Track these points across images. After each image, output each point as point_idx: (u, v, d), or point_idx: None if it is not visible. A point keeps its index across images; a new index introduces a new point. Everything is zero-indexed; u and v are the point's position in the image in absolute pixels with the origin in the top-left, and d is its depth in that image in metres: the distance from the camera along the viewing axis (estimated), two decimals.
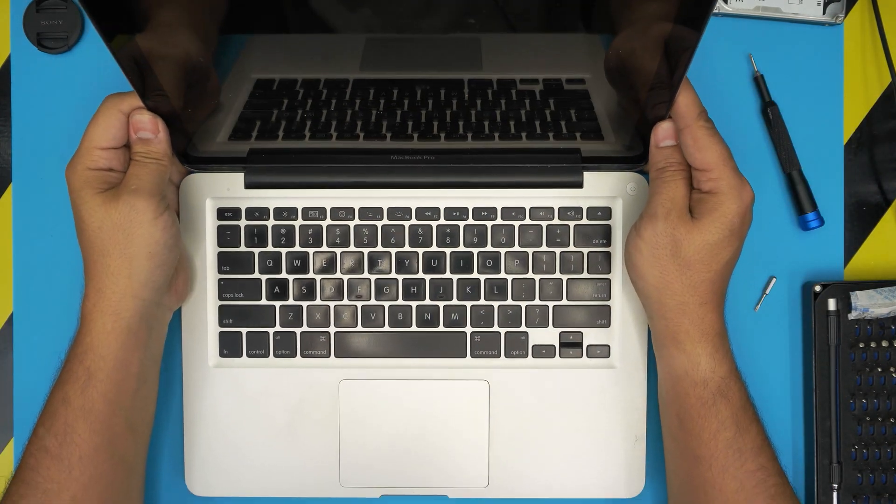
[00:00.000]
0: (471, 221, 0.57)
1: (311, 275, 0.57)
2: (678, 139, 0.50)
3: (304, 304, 0.57)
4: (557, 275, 0.56)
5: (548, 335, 0.57)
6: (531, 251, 0.56)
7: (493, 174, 0.56)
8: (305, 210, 0.57)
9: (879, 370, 0.56)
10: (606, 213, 0.56)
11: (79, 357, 0.49)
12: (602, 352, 0.57)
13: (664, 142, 0.51)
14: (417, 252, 0.57)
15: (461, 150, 0.56)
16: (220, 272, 0.57)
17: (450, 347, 0.57)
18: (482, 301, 0.57)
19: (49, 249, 0.59)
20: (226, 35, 0.48)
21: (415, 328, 0.57)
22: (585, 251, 0.56)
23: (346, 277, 0.57)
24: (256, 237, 0.57)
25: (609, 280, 0.56)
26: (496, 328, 0.57)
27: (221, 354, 0.57)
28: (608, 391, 0.56)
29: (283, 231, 0.57)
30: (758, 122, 0.59)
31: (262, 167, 0.56)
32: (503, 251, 0.56)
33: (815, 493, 0.56)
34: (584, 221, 0.56)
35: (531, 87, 0.53)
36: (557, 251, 0.56)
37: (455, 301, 0.57)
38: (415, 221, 0.57)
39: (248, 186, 0.56)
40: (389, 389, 0.56)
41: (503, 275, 0.57)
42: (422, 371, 0.57)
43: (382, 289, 0.57)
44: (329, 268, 0.57)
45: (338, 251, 0.57)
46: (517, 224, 0.56)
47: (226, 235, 0.57)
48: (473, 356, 0.57)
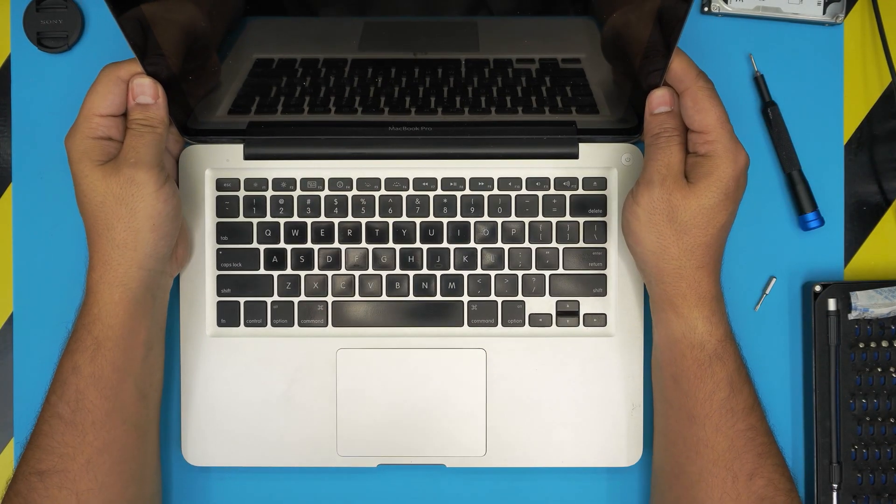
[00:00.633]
0: (468, 192, 0.57)
1: (309, 244, 0.57)
2: (676, 104, 0.51)
3: (302, 274, 0.57)
4: (554, 244, 0.57)
5: (544, 304, 0.57)
6: (527, 221, 0.57)
7: (490, 145, 0.57)
8: (304, 181, 0.57)
9: (879, 370, 0.56)
10: (602, 184, 0.57)
11: (86, 327, 0.50)
12: (598, 320, 0.57)
13: (658, 108, 0.51)
14: (415, 222, 0.57)
15: (458, 123, 0.56)
16: (219, 242, 0.57)
17: (447, 316, 0.57)
18: (479, 270, 0.57)
19: (49, 249, 0.59)
20: (228, 12, 0.49)
21: (412, 297, 0.57)
22: (581, 221, 0.57)
23: (344, 247, 0.57)
24: (255, 207, 0.57)
25: (605, 249, 0.57)
26: (493, 297, 0.57)
27: (219, 324, 0.57)
28: (605, 359, 0.56)
29: (282, 201, 0.57)
30: (758, 122, 0.59)
31: (261, 139, 0.57)
32: (500, 221, 0.57)
33: (815, 493, 0.56)
34: (580, 192, 0.57)
35: (527, 66, 0.53)
36: (553, 221, 0.57)
37: (452, 270, 0.57)
38: (412, 192, 0.57)
39: (248, 157, 0.57)
40: (387, 358, 0.56)
41: (500, 244, 0.57)
42: (419, 340, 0.57)
43: (380, 258, 0.57)
44: (327, 238, 0.57)
45: (335, 221, 0.57)
46: (514, 194, 0.57)
47: (225, 206, 0.57)
48: (470, 325, 0.57)
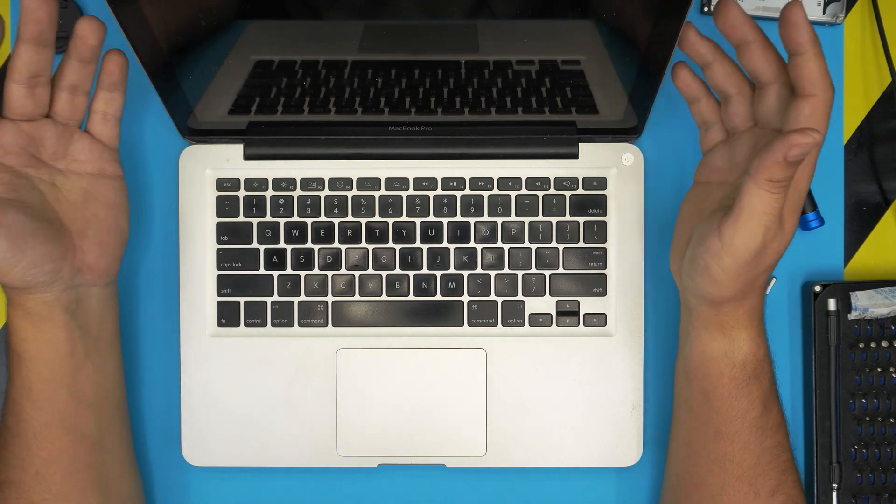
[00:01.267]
0: (468, 192, 0.57)
1: (309, 244, 0.57)
2: (749, 106, 0.47)
3: (302, 274, 0.57)
4: (553, 244, 0.57)
5: (544, 304, 0.57)
6: (527, 220, 0.57)
7: (490, 145, 0.57)
8: (304, 181, 0.57)
9: (879, 370, 0.56)
10: (602, 184, 0.57)
11: (9, 342, 0.49)
12: (598, 320, 0.57)
13: (797, 150, 0.41)
14: (415, 222, 0.57)
15: (458, 123, 0.56)
16: (219, 242, 0.57)
17: (447, 316, 0.57)
18: (479, 270, 0.57)
19: None
20: (228, 13, 0.49)
21: (412, 297, 0.57)
22: (581, 220, 0.57)
23: (344, 247, 0.57)
24: (255, 207, 0.57)
25: (605, 249, 0.57)
26: (493, 297, 0.57)
27: (219, 324, 0.57)
28: (605, 359, 0.56)
29: (282, 201, 0.57)
30: None
31: (262, 139, 0.57)
32: (500, 221, 0.57)
33: (815, 493, 0.56)
34: (580, 192, 0.57)
35: (527, 67, 0.53)
36: (553, 220, 0.57)
37: (452, 270, 0.57)
38: (412, 192, 0.57)
39: (248, 157, 0.57)
40: (387, 358, 0.56)
41: (500, 244, 0.57)
42: (419, 340, 0.57)
43: (380, 258, 0.57)
44: (327, 238, 0.57)
45: (336, 221, 0.57)
46: (514, 194, 0.57)
47: (225, 206, 0.57)
48: (470, 325, 0.57)
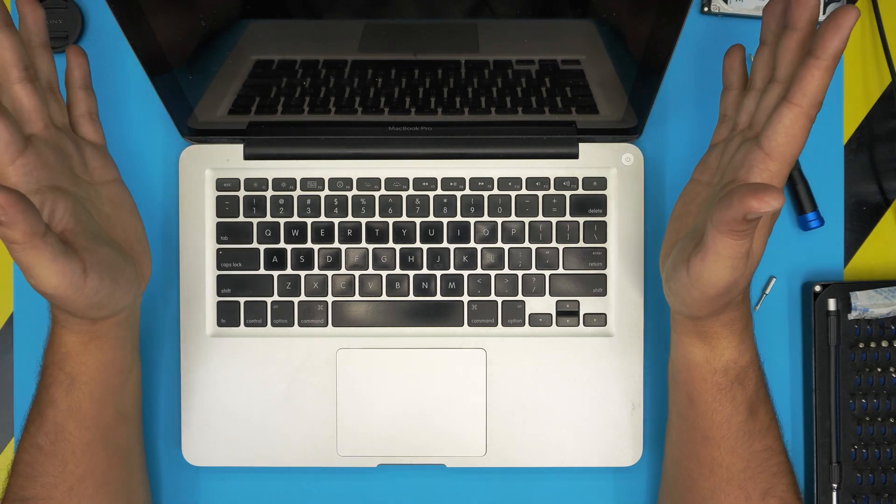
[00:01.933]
0: (468, 192, 0.57)
1: (309, 244, 0.57)
2: (757, 102, 0.46)
3: (302, 274, 0.57)
4: (553, 244, 0.57)
5: (544, 304, 0.57)
6: (527, 220, 0.57)
7: (490, 145, 0.57)
8: (304, 181, 0.57)
9: (879, 370, 0.56)
10: (602, 184, 0.57)
11: (58, 364, 0.48)
12: (598, 320, 0.57)
13: (755, 215, 0.39)
14: (415, 222, 0.57)
15: (458, 123, 0.56)
16: (219, 242, 0.57)
17: (447, 316, 0.57)
18: (479, 270, 0.57)
19: None
20: (228, 13, 0.49)
21: (412, 297, 0.57)
22: (581, 220, 0.57)
23: (344, 247, 0.57)
24: (255, 207, 0.57)
25: (605, 249, 0.57)
26: (493, 297, 0.57)
27: (219, 324, 0.57)
28: (605, 359, 0.56)
29: (282, 201, 0.57)
30: None
31: (262, 139, 0.57)
32: (500, 221, 0.57)
33: (815, 493, 0.56)
34: (580, 192, 0.57)
35: (527, 67, 0.53)
36: (553, 220, 0.57)
37: (452, 270, 0.57)
38: (412, 192, 0.57)
39: (248, 157, 0.57)
40: (387, 358, 0.56)
41: (500, 244, 0.57)
42: (419, 340, 0.57)
43: (380, 258, 0.57)
44: (327, 237, 0.57)
45: (336, 221, 0.57)
46: (514, 194, 0.57)
47: (225, 206, 0.57)
48: (470, 325, 0.57)
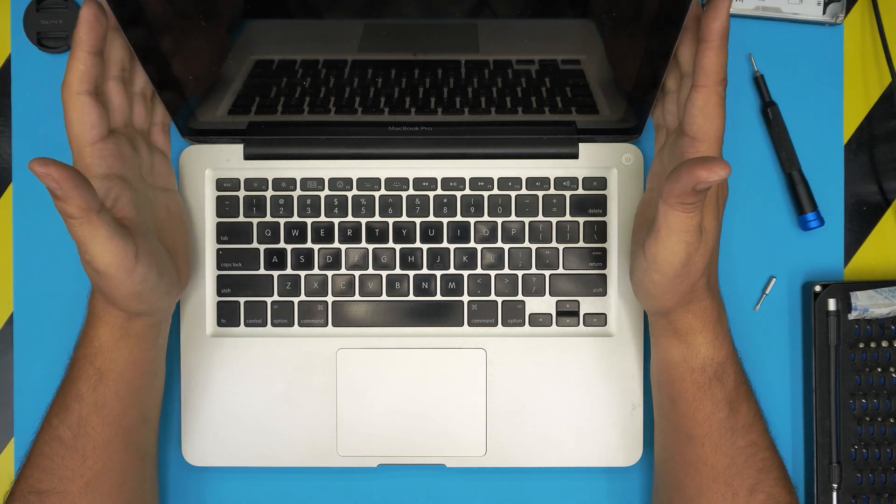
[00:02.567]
0: (468, 192, 0.57)
1: (309, 244, 0.57)
2: (676, 102, 0.50)
3: (302, 274, 0.57)
4: (553, 244, 0.57)
5: (544, 304, 0.57)
6: (527, 220, 0.57)
7: (490, 145, 0.57)
8: (304, 181, 0.57)
9: (879, 370, 0.56)
10: (602, 184, 0.57)
11: (88, 358, 0.50)
12: (598, 320, 0.57)
13: (704, 184, 0.40)
14: (415, 222, 0.57)
15: (458, 123, 0.56)
16: (219, 242, 0.57)
17: (447, 316, 0.57)
18: (479, 270, 0.57)
19: (49, 249, 0.59)
20: (228, 13, 0.49)
21: (412, 297, 0.57)
22: (581, 220, 0.57)
23: (344, 247, 0.57)
24: (255, 207, 0.57)
25: (605, 249, 0.57)
26: (493, 297, 0.57)
27: (219, 324, 0.57)
28: (605, 359, 0.56)
29: (282, 201, 0.57)
30: (758, 122, 0.59)
31: (262, 139, 0.57)
32: (500, 221, 0.57)
33: (815, 493, 0.56)
34: (580, 192, 0.57)
35: (527, 67, 0.53)
36: (553, 220, 0.57)
37: (452, 270, 0.57)
38: (412, 192, 0.57)
39: (248, 157, 0.57)
40: (387, 358, 0.56)
41: (500, 244, 0.57)
42: (419, 340, 0.57)
43: (380, 258, 0.57)
44: (327, 238, 0.57)
45: (336, 221, 0.57)
46: (514, 194, 0.57)
47: (225, 206, 0.57)
48: (470, 325, 0.57)
